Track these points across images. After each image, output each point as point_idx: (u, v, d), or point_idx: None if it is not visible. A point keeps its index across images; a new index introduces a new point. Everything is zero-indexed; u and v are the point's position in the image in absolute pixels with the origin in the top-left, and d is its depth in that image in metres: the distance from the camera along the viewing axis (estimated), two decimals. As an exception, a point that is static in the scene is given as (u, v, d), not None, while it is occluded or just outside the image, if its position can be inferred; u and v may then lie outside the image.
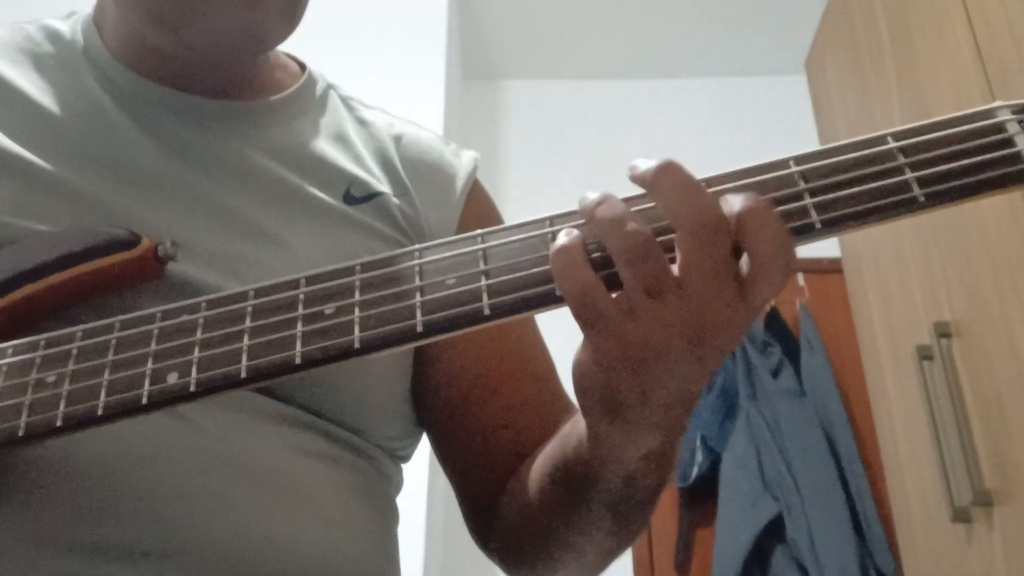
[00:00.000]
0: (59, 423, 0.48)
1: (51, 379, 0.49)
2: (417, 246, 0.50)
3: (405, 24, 2.70)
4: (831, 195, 0.46)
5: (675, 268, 0.46)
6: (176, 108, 0.70)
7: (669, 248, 0.46)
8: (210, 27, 0.65)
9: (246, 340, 0.48)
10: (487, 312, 0.47)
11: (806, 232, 0.46)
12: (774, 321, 2.90)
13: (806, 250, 0.49)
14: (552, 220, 0.49)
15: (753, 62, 3.33)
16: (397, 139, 0.77)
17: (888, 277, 1.81)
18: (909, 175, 0.46)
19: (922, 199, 0.45)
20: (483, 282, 0.47)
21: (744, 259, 0.46)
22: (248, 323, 0.48)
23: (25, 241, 0.58)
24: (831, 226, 0.46)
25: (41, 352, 0.51)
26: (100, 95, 0.69)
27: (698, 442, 2.72)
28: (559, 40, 3.32)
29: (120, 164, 0.66)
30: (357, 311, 0.47)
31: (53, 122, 0.67)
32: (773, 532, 2.49)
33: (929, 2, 1.63)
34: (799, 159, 0.47)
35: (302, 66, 0.81)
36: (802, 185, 0.46)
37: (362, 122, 0.78)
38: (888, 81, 1.78)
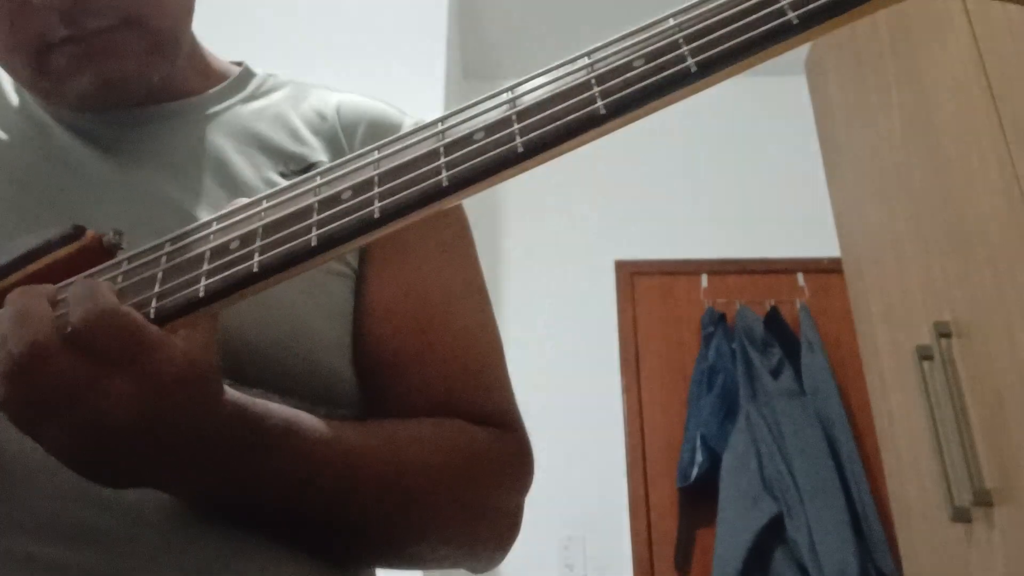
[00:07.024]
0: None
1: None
2: (315, 171, 0.52)
3: (405, 24, 2.71)
4: (705, 38, 0.46)
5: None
6: (112, 120, 0.72)
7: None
8: (74, 88, 0.66)
9: (206, 266, 0.50)
10: (377, 215, 0.47)
11: (685, 79, 0.46)
12: (774, 321, 2.90)
13: (806, 250, 0.48)
14: (443, 120, 0.50)
15: (753, 62, 3.33)
16: (336, 107, 0.79)
17: (888, 277, 1.81)
18: (784, 1, 0.46)
19: (796, 22, 0.45)
20: (375, 190, 0.48)
21: None
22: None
23: None
24: (707, 68, 0.46)
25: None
26: (43, 116, 0.73)
27: (698, 442, 2.72)
28: (559, 40, 3.32)
29: (65, 175, 0.69)
30: (259, 240, 0.49)
31: (2, 147, 0.70)
32: (773, 532, 2.50)
33: (929, 2, 1.63)
34: (678, 13, 0.48)
35: (241, 65, 0.83)
36: (678, 35, 0.47)
37: (301, 99, 0.80)
38: (888, 81, 1.78)
